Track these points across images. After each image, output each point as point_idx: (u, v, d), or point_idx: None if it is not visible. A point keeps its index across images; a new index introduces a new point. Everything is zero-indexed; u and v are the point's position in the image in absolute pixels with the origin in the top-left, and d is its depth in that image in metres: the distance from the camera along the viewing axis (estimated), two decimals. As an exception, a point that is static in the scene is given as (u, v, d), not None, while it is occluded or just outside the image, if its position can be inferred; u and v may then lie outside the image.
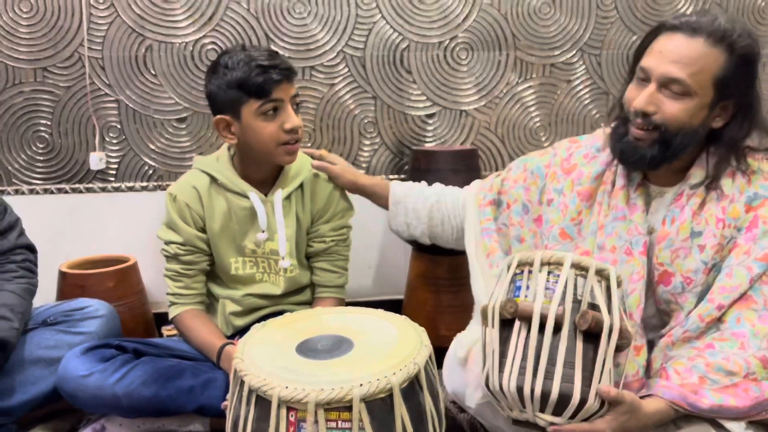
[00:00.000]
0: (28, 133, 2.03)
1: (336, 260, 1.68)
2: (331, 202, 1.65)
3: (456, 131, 2.29)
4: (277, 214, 1.57)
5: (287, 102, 1.48)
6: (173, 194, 1.58)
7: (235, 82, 1.45)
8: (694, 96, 1.19)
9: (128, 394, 1.38)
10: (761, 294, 1.21)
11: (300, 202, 1.63)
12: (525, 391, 1.08)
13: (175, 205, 1.57)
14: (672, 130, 1.22)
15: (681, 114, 1.20)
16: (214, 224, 1.57)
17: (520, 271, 1.19)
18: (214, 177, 1.57)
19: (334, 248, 1.66)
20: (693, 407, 1.14)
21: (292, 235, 1.61)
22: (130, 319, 1.86)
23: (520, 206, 1.47)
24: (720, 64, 1.18)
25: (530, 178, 1.47)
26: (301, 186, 1.62)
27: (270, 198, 1.58)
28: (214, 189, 1.58)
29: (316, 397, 0.96)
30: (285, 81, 1.47)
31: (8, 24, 1.95)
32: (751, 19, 2.37)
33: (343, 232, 1.68)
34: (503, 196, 1.51)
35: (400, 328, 1.18)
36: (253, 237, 1.58)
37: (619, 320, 1.11)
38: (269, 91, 1.45)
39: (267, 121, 1.48)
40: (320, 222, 1.65)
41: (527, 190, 1.47)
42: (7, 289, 1.44)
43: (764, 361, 1.17)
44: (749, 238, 1.23)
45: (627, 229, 1.30)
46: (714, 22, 1.19)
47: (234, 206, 1.57)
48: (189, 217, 1.57)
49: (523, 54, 2.26)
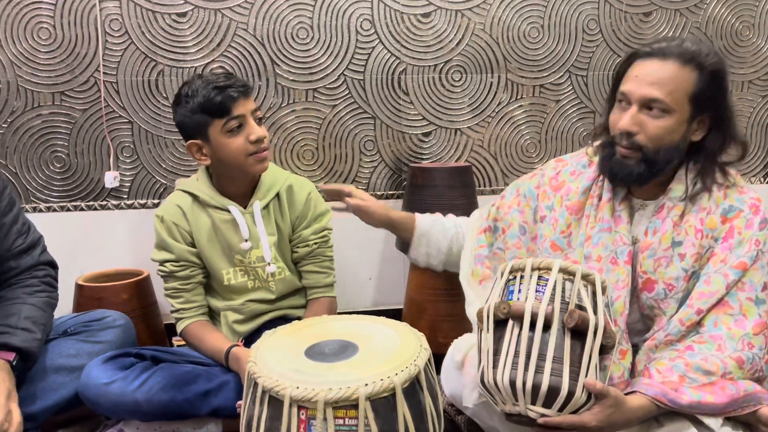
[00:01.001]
0: (46, 153, 2.06)
1: (321, 261, 1.73)
2: (308, 207, 1.69)
3: (451, 149, 2.32)
4: (257, 222, 1.62)
5: (248, 116, 1.54)
6: (160, 216, 1.63)
7: (198, 107, 1.52)
8: (673, 113, 1.26)
9: (148, 399, 1.42)
10: (737, 299, 1.26)
11: (278, 211, 1.68)
12: (517, 385, 1.11)
13: (164, 225, 1.62)
14: (654, 147, 1.27)
15: (662, 131, 1.26)
16: (201, 238, 1.63)
17: (513, 277, 1.24)
18: (195, 195, 1.63)
19: (317, 250, 1.71)
20: (673, 403, 1.17)
21: (275, 242, 1.66)
22: (143, 329, 1.89)
23: (516, 229, 1.50)
24: (693, 81, 1.25)
25: (523, 201, 1.51)
26: (277, 196, 1.67)
27: (249, 210, 1.63)
28: (197, 206, 1.63)
29: (324, 396, 1.01)
30: (242, 97, 1.53)
31: (28, 51, 2.00)
32: (729, 42, 2.42)
33: (324, 234, 1.72)
34: (499, 222, 1.55)
35: (401, 333, 1.22)
36: (238, 247, 1.63)
37: (604, 320, 1.15)
38: (229, 108, 1.51)
39: (233, 137, 1.53)
40: (301, 228, 1.70)
41: (522, 212, 1.50)
42: (29, 302, 1.46)
43: (740, 362, 1.22)
44: (725, 248, 1.27)
45: (612, 239, 1.35)
46: (682, 44, 1.27)
47: (216, 220, 1.62)
48: (178, 233, 1.62)
49: (513, 76, 2.30)
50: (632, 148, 1.28)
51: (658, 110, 1.26)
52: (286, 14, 2.13)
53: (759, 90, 2.48)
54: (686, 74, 1.26)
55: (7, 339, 1.38)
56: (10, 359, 1.37)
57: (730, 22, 2.41)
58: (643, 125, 1.27)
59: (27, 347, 1.40)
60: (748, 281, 1.26)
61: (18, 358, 1.39)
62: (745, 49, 2.45)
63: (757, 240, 1.26)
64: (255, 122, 1.56)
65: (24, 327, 1.42)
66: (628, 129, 1.27)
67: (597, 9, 2.31)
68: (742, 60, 2.45)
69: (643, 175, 1.30)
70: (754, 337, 1.25)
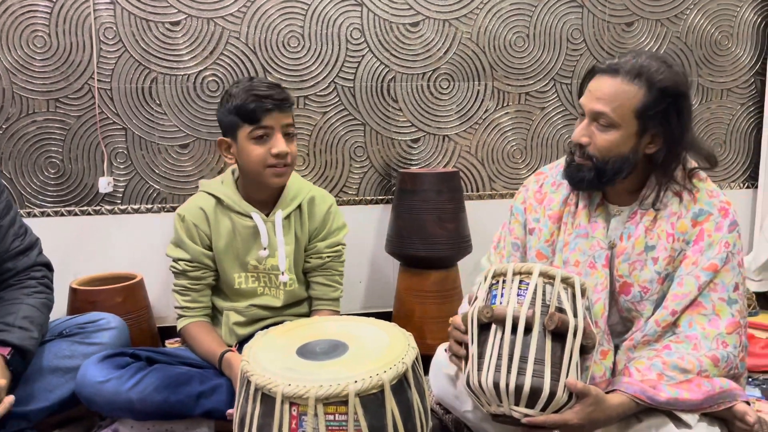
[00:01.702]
0: (41, 159, 2.06)
1: (331, 275, 1.74)
2: (326, 221, 1.71)
3: (439, 155, 2.34)
4: (277, 233, 1.63)
5: (277, 130, 1.55)
6: (181, 215, 1.64)
7: (234, 109, 1.55)
8: (619, 127, 1.30)
9: (142, 399, 1.43)
10: (710, 300, 1.30)
11: (298, 222, 1.69)
12: (501, 386, 1.14)
13: (183, 225, 1.63)
14: (602, 158, 1.32)
15: (608, 144, 1.31)
16: (219, 242, 1.64)
17: (496, 281, 1.27)
18: (219, 199, 1.64)
19: (329, 264, 1.73)
20: (652, 400, 1.21)
21: (291, 252, 1.67)
22: (137, 332, 1.89)
23: (510, 248, 1.54)
24: (639, 98, 1.28)
25: (513, 219, 1.55)
26: (299, 206, 1.68)
27: (271, 218, 1.65)
28: (220, 210, 1.64)
29: (315, 393, 1.03)
30: (276, 110, 1.54)
31: (23, 58, 2.00)
32: (708, 51, 2.47)
33: (338, 249, 1.74)
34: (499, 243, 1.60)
35: (390, 333, 1.24)
36: (255, 254, 1.64)
37: (584, 322, 1.19)
38: (259, 118, 1.53)
39: (257, 145, 1.55)
40: (317, 239, 1.71)
41: (512, 230, 1.54)
42: (27, 303, 1.48)
43: (715, 360, 1.26)
44: (696, 250, 1.31)
45: (590, 245, 1.39)
46: (632, 60, 1.30)
47: (238, 225, 1.64)
48: (196, 235, 1.64)
49: (500, 83, 2.33)
50: (584, 158, 1.34)
51: (605, 124, 1.30)
52: (278, 23, 2.15)
53: (738, 98, 2.54)
54: (633, 90, 1.28)
55: (4, 336, 1.39)
56: (4, 354, 1.38)
57: (709, 32, 2.46)
58: (593, 137, 1.32)
59: (23, 345, 1.41)
60: (720, 282, 1.30)
61: (14, 355, 1.40)
62: (724, 59, 2.49)
63: (727, 242, 1.30)
64: (283, 137, 1.56)
65: (21, 326, 1.43)
66: (578, 140, 1.33)
67: (581, 19, 2.35)
68: (722, 69, 2.50)
69: (592, 182, 1.35)
70: (728, 336, 1.28)
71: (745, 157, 2.59)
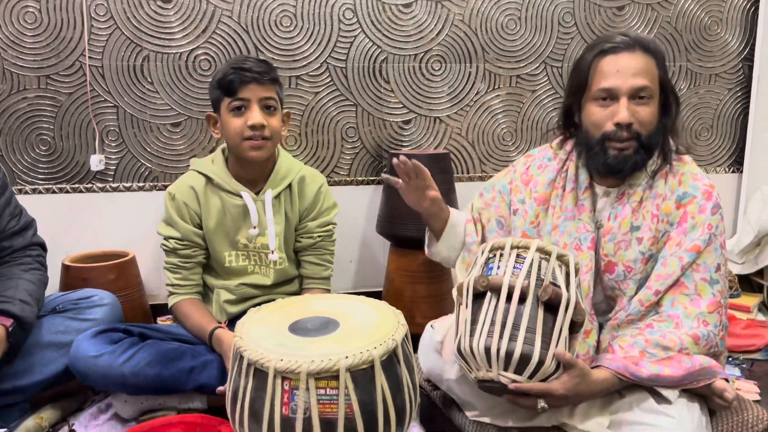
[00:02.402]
0: (32, 136, 2.06)
1: (322, 254, 1.76)
2: (317, 200, 1.72)
3: (430, 136, 2.36)
4: (267, 211, 1.64)
5: (254, 102, 1.56)
6: (172, 193, 1.65)
7: (216, 83, 1.58)
8: (654, 97, 1.34)
9: (135, 373, 1.46)
10: (692, 280, 1.32)
11: (289, 201, 1.70)
12: (492, 351, 1.16)
13: (174, 204, 1.64)
14: (647, 133, 1.33)
15: (651, 116, 1.34)
16: (209, 221, 1.65)
17: (493, 255, 1.29)
18: (209, 177, 1.65)
19: (320, 243, 1.74)
20: (634, 376, 1.23)
21: (281, 231, 1.68)
22: (129, 309, 1.91)
23: (494, 224, 1.56)
24: (655, 66, 1.34)
25: (498, 197, 1.56)
26: (289, 186, 1.69)
27: (261, 197, 1.66)
28: (210, 189, 1.65)
29: (307, 368, 1.04)
30: (254, 83, 1.55)
31: (13, 34, 1.99)
32: (698, 36, 2.49)
33: (329, 228, 1.75)
34: (482, 217, 1.60)
35: (380, 311, 1.26)
36: (245, 233, 1.66)
37: (576, 298, 1.21)
38: (236, 90, 1.54)
39: (235, 117, 1.57)
40: (307, 219, 1.72)
41: (498, 208, 1.56)
42: (25, 278, 1.50)
43: (695, 338, 1.28)
44: (680, 232, 1.34)
45: (576, 227, 1.41)
46: (638, 37, 1.35)
47: (228, 204, 1.65)
48: (186, 214, 1.64)
49: (491, 66, 2.34)
50: (629, 138, 1.33)
51: (647, 97, 1.32)
52: (270, 2, 2.14)
53: (725, 83, 2.56)
54: (652, 62, 1.34)
55: (7, 307, 1.41)
56: (6, 325, 1.40)
57: (699, 17, 2.47)
58: (636, 114, 1.33)
59: (25, 316, 1.43)
60: (702, 263, 1.32)
61: (15, 326, 1.41)
62: (713, 44, 2.51)
63: (710, 224, 1.33)
64: (260, 109, 1.57)
65: (22, 298, 1.45)
66: (629, 121, 1.31)
67: (572, 2, 2.35)
68: (710, 54, 2.52)
69: (643, 161, 1.36)
70: (709, 315, 1.31)
71: (731, 142, 2.62)
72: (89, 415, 1.57)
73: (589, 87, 1.37)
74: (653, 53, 1.34)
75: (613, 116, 1.34)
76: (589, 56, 1.37)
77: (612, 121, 1.34)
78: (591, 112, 1.37)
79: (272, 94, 1.60)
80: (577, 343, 1.26)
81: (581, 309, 1.22)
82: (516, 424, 1.34)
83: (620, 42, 1.34)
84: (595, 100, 1.36)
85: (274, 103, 1.61)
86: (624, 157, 1.34)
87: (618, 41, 1.34)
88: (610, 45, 1.35)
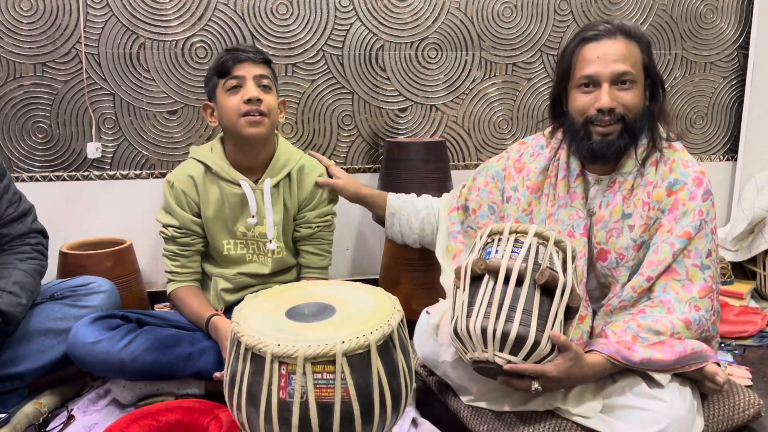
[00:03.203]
0: (28, 124, 2.05)
1: (321, 244, 1.77)
2: (316, 191, 1.73)
3: (426, 124, 2.36)
4: (266, 201, 1.65)
5: (249, 79, 1.58)
6: (171, 181, 1.65)
7: (211, 70, 1.60)
8: (637, 82, 1.36)
9: (133, 359, 1.47)
10: (683, 266, 1.34)
11: (288, 191, 1.70)
12: (488, 332, 1.18)
13: (173, 192, 1.65)
14: (632, 115, 1.35)
15: (635, 99, 1.35)
16: (208, 210, 1.66)
17: (491, 240, 1.31)
18: (208, 166, 1.66)
19: (319, 233, 1.75)
20: (626, 360, 1.25)
21: (280, 220, 1.69)
22: (126, 296, 1.91)
23: (486, 209, 1.57)
24: (638, 51, 1.36)
25: (491, 182, 1.58)
26: (288, 175, 1.70)
27: (260, 186, 1.66)
28: (209, 177, 1.66)
29: (304, 352, 1.04)
30: (248, 61, 1.57)
31: (9, 21, 1.98)
32: (693, 24, 2.48)
33: (328, 218, 1.76)
34: (469, 203, 1.61)
35: (376, 297, 1.26)
36: (243, 221, 1.66)
37: (572, 283, 1.23)
38: (230, 68, 1.57)
39: (231, 96, 1.58)
40: (306, 209, 1.73)
41: (490, 193, 1.57)
42: (20, 268, 1.50)
43: (687, 323, 1.31)
44: (671, 219, 1.36)
45: (569, 214, 1.43)
46: (620, 23, 1.37)
47: (226, 193, 1.65)
48: (185, 202, 1.65)
49: (487, 54, 2.34)
50: (613, 123, 1.35)
51: (630, 81, 1.34)
52: (266, -10, 2.13)
53: (720, 71, 2.56)
54: (635, 47, 1.36)
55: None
56: None
57: (695, 5, 2.47)
58: (619, 98, 1.34)
59: (9, 311, 1.43)
60: (694, 249, 1.34)
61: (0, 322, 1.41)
62: (708, 32, 2.51)
63: (701, 210, 1.34)
64: (256, 86, 1.58)
65: (11, 291, 1.45)
66: (610, 106, 1.34)
67: (569, -10, 2.35)
68: (705, 42, 2.52)
69: (627, 146, 1.37)
70: (700, 300, 1.33)
71: (725, 130, 2.63)
72: (88, 400, 1.58)
73: (573, 75, 1.39)
74: (636, 39, 1.36)
75: (595, 101, 1.36)
76: (572, 45, 1.39)
77: (594, 107, 1.36)
78: (575, 98, 1.40)
79: (266, 72, 1.62)
80: (571, 329, 1.28)
81: (577, 294, 1.24)
82: (511, 408, 1.36)
83: (602, 30, 1.36)
84: (578, 87, 1.39)
85: (268, 82, 1.62)
86: (608, 142, 1.36)
87: (600, 29, 1.36)
88: (592, 33, 1.37)
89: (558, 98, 1.47)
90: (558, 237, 1.28)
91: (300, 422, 1.05)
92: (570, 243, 1.28)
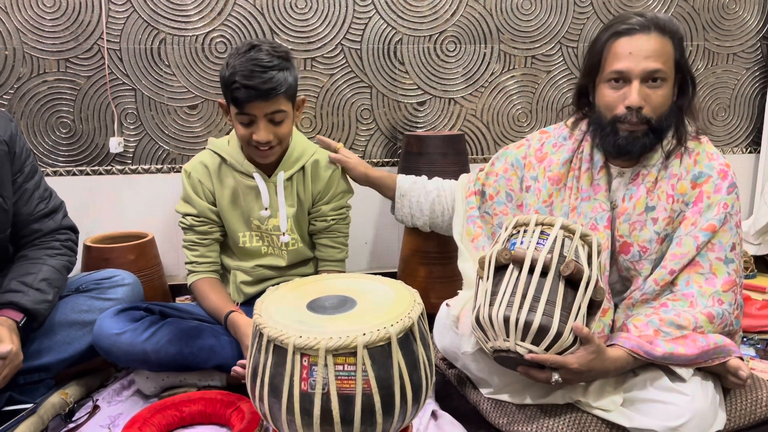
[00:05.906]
0: (52, 119, 2.08)
1: (336, 237, 1.77)
2: (331, 184, 1.73)
3: (445, 118, 2.35)
4: (279, 193, 1.66)
5: (260, 118, 1.54)
6: (188, 171, 1.68)
7: (225, 83, 1.54)
8: (669, 80, 1.33)
9: (156, 350, 1.48)
10: (707, 260, 1.33)
11: (302, 184, 1.71)
12: (511, 321, 1.18)
13: (190, 181, 1.67)
14: (658, 117, 1.33)
15: (663, 99, 1.33)
16: (223, 200, 1.67)
17: (517, 231, 1.31)
18: (223, 158, 1.67)
19: (334, 226, 1.75)
20: (648, 354, 1.24)
21: (293, 213, 1.70)
22: (148, 289, 1.93)
23: (503, 196, 1.56)
24: (671, 47, 1.33)
25: (511, 169, 1.56)
26: (302, 169, 1.70)
27: (273, 179, 1.67)
28: (224, 168, 1.67)
29: (326, 344, 1.05)
30: (260, 100, 1.50)
31: (33, 18, 2.00)
32: (716, 15, 2.45)
33: (343, 211, 1.76)
34: (486, 188, 1.60)
35: (396, 290, 1.26)
36: (257, 213, 1.68)
37: (597, 276, 1.23)
38: (243, 106, 1.51)
39: (242, 126, 1.56)
40: (321, 203, 1.73)
41: (509, 180, 1.56)
42: (49, 263, 1.51)
43: (710, 317, 1.29)
44: (695, 212, 1.34)
45: (592, 207, 1.41)
46: (654, 17, 1.33)
47: (241, 185, 1.67)
48: (201, 191, 1.67)
49: (506, 47, 2.32)
50: (638, 122, 1.32)
51: (661, 78, 1.32)
52: (285, -16, 2.14)
53: (744, 62, 2.53)
54: (668, 43, 1.32)
55: (18, 298, 1.42)
56: (17, 320, 1.41)
57: (717, -4, 2.44)
58: (648, 98, 1.32)
59: (35, 309, 1.44)
60: (718, 242, 1.33)
61: (25, 320, 1.43)
62: (731, 22, 2.47)
63: (726, 203, 1.33)
64: (268, 123, 1.55)
65: (38, 288, 1.46)
66: (638, 104, 1.31)
67: (589, -19, 2.33)
68: (728, 33, 2.48)
69: (652, 144, 1.35)
70: (724, 294, 1.32)
71: (748, 122, 2.59)
72: (112, 391, 1.60)
73: (603, 68, 1.37)
74: (670, 34, 1.33)
75: (624, 99, 1.33)
76: (604, 37, 1.36)
77: (623, 104, 1.33)
78: (603, 94, 1.37)
79: (279, 107, 1.55)
80: (594, 324, 1.27)
81: (601, 288, 1.23)
82: (532, 401, 1.36)
83: (636, 23, 1.33)
84: (608, 82, 1.36)
85: (282, 116, 1.57)
86: (634, 138, 1.34)
87: (633, 22, 1.33)
88: (624, 26, 1.34)
89: (584, 89, 1.45)
90: (584, 230, 1.27)
91: (321, 413, 1.06)
92: (596, 237, 1.28)
